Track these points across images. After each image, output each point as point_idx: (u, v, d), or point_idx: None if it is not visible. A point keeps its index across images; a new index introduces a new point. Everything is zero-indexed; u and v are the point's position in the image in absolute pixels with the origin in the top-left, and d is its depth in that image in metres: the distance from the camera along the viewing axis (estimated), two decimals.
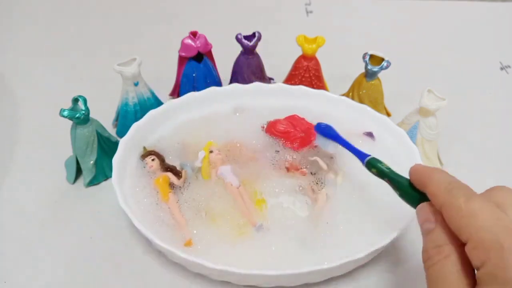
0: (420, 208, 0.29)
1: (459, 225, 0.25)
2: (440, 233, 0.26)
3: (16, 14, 0.74)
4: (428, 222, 0.27)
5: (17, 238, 0.41)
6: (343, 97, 0.49)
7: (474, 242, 0.23)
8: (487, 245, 0.23)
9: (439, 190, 0.27)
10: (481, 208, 0.24)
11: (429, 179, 0.28)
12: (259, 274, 0.33)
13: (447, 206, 0.26)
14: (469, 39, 0.71)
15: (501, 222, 0.24)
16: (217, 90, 0.49)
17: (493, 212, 0.24)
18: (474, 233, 0.24)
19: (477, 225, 0.24)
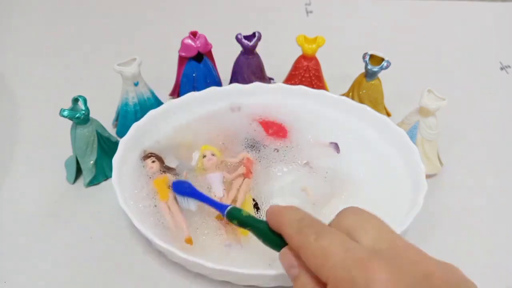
0: (281, 253, 0.28)
1: (315, 266, 0.25)
2: (305, 278, 0.26)
3: (16, 14, 0.74)
4: (292, 268, 0.27)
5: (17, 238, 0.41)
6: (343, 97, 0.49)
7: (332, 282, 0.23)
8: (343, 284, 0.23)
9: (291, 231, 0.27)
10: (330, 244, 0.24)
11: (282, 221, 0.28)
12: (259, 274, 0.33)
13: (301, 249, 0.26)
14: (469, 39, 0.71)
15: (350, 255, 0.23)
16: (217, 90, 0.49)
17: (342, 245, 0.24)
18: (330, 272, 0.23)
19: (330, 264, 0.24)
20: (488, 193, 0.46)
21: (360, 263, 0.23)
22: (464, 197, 0.46)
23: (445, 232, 0.42)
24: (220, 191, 0.41)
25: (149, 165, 0.42)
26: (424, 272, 0.23)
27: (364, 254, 0.23)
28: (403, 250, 0.24)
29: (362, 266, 0.23)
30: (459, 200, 0.45)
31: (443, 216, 0.43)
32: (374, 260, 0.23)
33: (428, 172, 0.44)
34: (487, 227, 0.43)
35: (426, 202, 0.38)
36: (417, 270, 0.23)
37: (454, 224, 0.43)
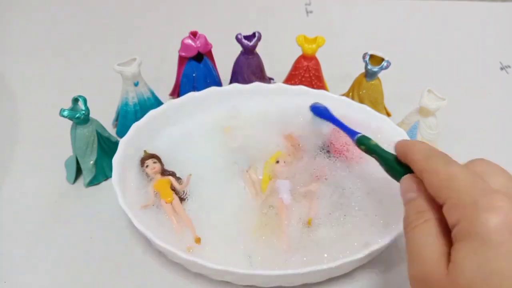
0: (403, 179, 0.30)
1: (437, 188, 0.26)
2: (421, 201, 0.27)
3: (16, 14, 0.74)
4: (411, 192, 0.28)
5: (17, 238, 0.41)
6: (343, 97, 0.49)
7: (451, 202, 0.25)
8: (462, 204, 0.24)
9: (419, 157, 0.28)
10: (458, 172, 0.26)
11: (411, 149, 0.29)
12: (259, 274, 0.33)
13: (426, 172, 0.27)
14: (469, 39, 0.71)
15: (477, 184, 0.25)
16: (217, 90, 0.49)
17: (470, 176, 0.25)
18: (451, 194, 0.25)
19: (454, 186, 0.25)
20: None
21: (486, 192, 0.24)
22: None
23: None
24: (288, 198, 0.40)
25: (151, 166, 0.42)
26: None
27: (490, 187, 0.24)
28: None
29: (487, 195, 0.23)
30: None
31: None
32: (499, 194, 0.23)
33: None
34: None
35: None
36: None
37: None
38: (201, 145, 0.45)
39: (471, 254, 0.23)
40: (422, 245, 0.25)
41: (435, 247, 0.25)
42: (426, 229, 0.26)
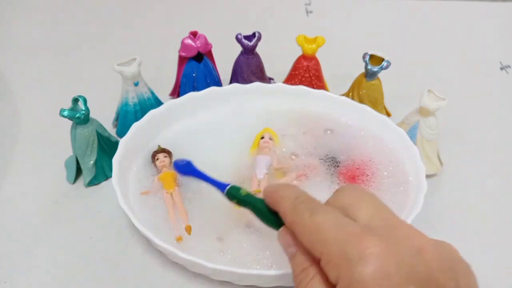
0: (279, 233, 0.28)
1: (308, 242, 0.25)
2: (301, 256, 0.26)
3: (16, 14, 0.74)
4: (290, 247, 0.27)
5: (17, 238, 0.41)
6: (343, 97, 0.49)
7: (325, 258, 0.23)
8: (336, 259, 0.23)
9: (286, 209, 0.27)
10: (324, 220, 0.24)
11: (277, 198, 0.28)
12: (259, 274, 0.33)
13: (295, 225, 0.26)
14: (469, 39, 0.71)
15: (343, 230, 0.23)
16: (217, 90, 0.49)
17: (336, 221, 0.24)
18: (322, 248, 0.24)
19: (323, 239, 0.24)
20: (488, 193, 0.46)
21: (353, 238, 0.23)
22: (464, 197, 0.46)
23: (445, 232, 0.42)
24: (261, 173, 0.41)
25: (161, 159, 0.43)
26: (417, 247, 0.23)
27: (357, 229, 0.23)
28: (398, 226, 0.24)
29: (355, 240, 0.23)
30: (459, 200, 0.45)
31: (443, 216, 0.43)
32: (367, 235, 0.23)
33: (428, 172, 0.44)
34: (487, 227, 0.43)
35: (426, 202, 0.38)
36: (410, 245, 0.23)
37: (454, 224, 0.43)
38: (201, 145, 0.45)
39: None
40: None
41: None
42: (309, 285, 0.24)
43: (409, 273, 0.22)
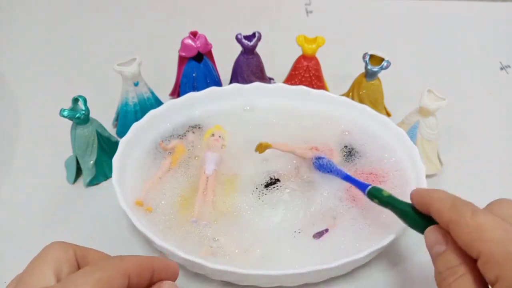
0: (428, 231, 0.28)
1: (468, 241, 0.24)
2: (452, 254, 0.26)
3: (16, 14, 0.74)
4: (438, 245, 0.27)
5: (17, 238, 0.41)
6: (343, 97, 0.49)
7: (485, 257, 0.23)
8: (499, 258, 0.23)
9: (444, 208, 0.27)
10: (487, 221, 0.24)
11: (431, 199, 0.28)
12: (259, 274, 0.33)
13: (454, 223, 0.26)
14: (469, 39, 0.71)
15: (509, 234, 0.23)
16: (217, 90, 0.49)
17: (500, 224, 0.24)
18: (484, 247, 0.23)
19: (486, 238, 0.24)
20: (488, 193, 0.46)
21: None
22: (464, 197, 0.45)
23: None
24: (210, 169, 0.42)
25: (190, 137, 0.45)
26: None
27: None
28: None
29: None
30: None
31: None
32: None
33: (428, 172, 0.44)
34: None
35: None
36: None
37: None
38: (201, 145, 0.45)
39: None
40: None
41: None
42: (462, 286, 0.24)
43: None
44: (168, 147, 0.44)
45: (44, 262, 0.26)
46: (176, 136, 0.46)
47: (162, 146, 0.44)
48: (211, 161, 0.43)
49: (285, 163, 0.44)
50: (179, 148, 0.44)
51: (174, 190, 0.41)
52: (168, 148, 0.44)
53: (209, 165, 0.43)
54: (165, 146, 0.44)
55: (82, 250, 0.28)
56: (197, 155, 0.44)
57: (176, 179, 0.42)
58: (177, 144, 0.45)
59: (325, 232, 0.38)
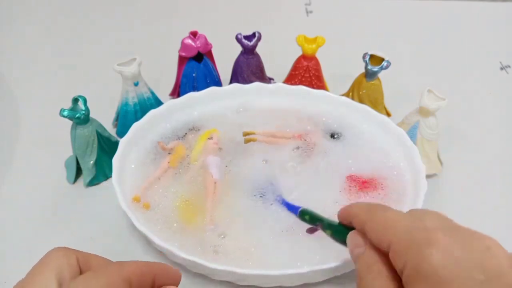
0: (349, 236, 0.29)
1: (379, 235, 0.26)
2: (369, 254, 0.27)
3: (16, 14, 0.74)
4: (358, 248, 0.28)
5: (17, 238, 0.41)
6: (343, 97, 0.49)
7: (394, 246, 0.24)
8: (405, 245, 0.24)
9: (359, 212, 0.29)
10: (396, 214, 0.26)
11: (350, 208, 0.30)
12: (259, 274, 0.33)
13: (368, 223, 0.27)
14: (469, 39, 0.71)
15: (414, 224, 0.25)
16: (217, 90, 0.49)
17: (407, 218, 0.26)
18: (392, 238, 0.25)
19: (393, 230, 0.25)
20: (488, 193, 0.46)
21: (423, 229, 0.24)
22: (464, 197, 0.46)
23: None
24: (217, 173, 0.42)
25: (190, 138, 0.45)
26: (486, 245, 0.23)
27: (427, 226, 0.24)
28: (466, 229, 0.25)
29: (424, 230, 0.24)
30: (459, 200, 0.45)
31: None
32: (437, 229, 0.24)
33: (428, 172, 0.44)
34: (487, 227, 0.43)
35: (426, 202, 0.38)
36: (479, 242, 0.23)
37: None
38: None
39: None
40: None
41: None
42: (377, 282, 0.25)
43: (478, 263, 0.22)
44: (167, 148, 0.44)
45: (46, 268, 0.26)
46: (175, 137, 0.46)
47: (161, 146, 0.44)
48: (215, 165, 0.42)
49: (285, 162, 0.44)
50: (179, 149, 0.44)
51: (175, 191, 0.41)
52: (167, 148, 0.44)
53: (215, 169, 0.42)
54: (164, 146, 0.44)
55: (84, 256, 0.28)
56: (195, 156, 0.44)
57: (176, 181, 0.42)
58: (176, 144, 0.45)
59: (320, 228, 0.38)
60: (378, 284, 0.25)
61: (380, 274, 0.25)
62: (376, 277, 0.25)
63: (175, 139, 0.45)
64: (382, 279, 0.25)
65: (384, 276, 0.25)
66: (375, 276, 0.25)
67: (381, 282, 0.25)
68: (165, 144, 0.45)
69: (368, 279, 0.25)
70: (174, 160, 0.43)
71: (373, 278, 0.25)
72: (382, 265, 0.25)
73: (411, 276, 0.23)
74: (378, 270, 0.25)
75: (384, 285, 0.24)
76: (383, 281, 0.25)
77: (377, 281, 0.25)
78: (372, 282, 0.25)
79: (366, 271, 0.26)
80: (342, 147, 0.45)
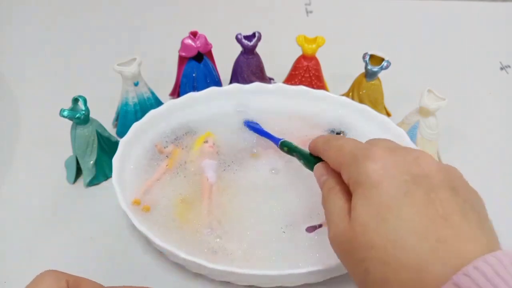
0: (316, 167, 0.33)
1: (334, 160, 0.31)
2: (331, 179, 0.31)
3: (16, 14, 0.74)
4: (323, 176, 0.32)
5: (17, 238, 0.41)
6: (343, 97, 0.49)
7: (342, 166, 0.29)
8: (349, 162, 0.28)
9: (320, 143, 0.34)
10: (346, 141, 0.31)
11: (315, 140, 0.35)
12: (259, 274, 0.33)
13: (325, 151, 0.32)
14: (469, 39, 0.71)
15: (359, 145, 0.30)
16: (217, 90, 0.49)
17: (355, 141, 0.31)
18: (342, 159, 0.29)
19: (343, 152, 0.30)
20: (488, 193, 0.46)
21: (363, 147, 0.29)
22: None
23: None
24: (213, 177, 0.42)
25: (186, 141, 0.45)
26: (416, 156, 0.27)
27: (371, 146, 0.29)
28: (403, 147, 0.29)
29: (364, 148, 0.28)
30: None
31: None
32: (377, 147, 0.28)
33: None
34: None
35: None
36: (410, 154, 0.27)
37: None
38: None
39: (362, 199, 0.26)
40: (332, 211, 0.29)
41: (341, 208, 0.28)
42: (333, 196, 0.29)
43: (406, 169, 0.26)
44: (164, 151, 0.44)
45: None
46: (174, 137, 0.46)
47: (158, 149, 0.44)
48: (211, 169, 0.42)
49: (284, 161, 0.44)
50: (176, 152, 0.44)
51: (174, 192, 0.41)
52: (164, 151, 0.44)
53: (211, 172, 0.42)
54: (161, 149, 0.44)
55: (74, 280, 0.28)
56: (191, 159, 0.44)
57: (174, 182, 0.42)
58: (173, 148, 0.45)
59: (318, 227, 0.38)
60: (335, 197, 0.29)
61: (338, 191, 0.29)
62: (335, 194, 0.29)
63: (173, 141, 0.45)
64: (339, 193, 0.29)
65: (340, 192, 0.29)
66: (334, 194, 0.29)
67: (338, 196, 0.29)
68: (163, 147, 0.44)
69: (329, 197, 0.30)
70: (172, 163, 0.43)
71: (333, 196, 0.29)
72: (340, 186, 0.30)
73: (353, 184, 0.27)
74: (336, 190, 0.29)
75: (340, 198, 0.29)
76: (340, 194, 0.29)
77: (334, 196, 0.29)
78: (332, 198, 0.29)
79: (328, 192, 0.30)
80: None
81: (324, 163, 0.33)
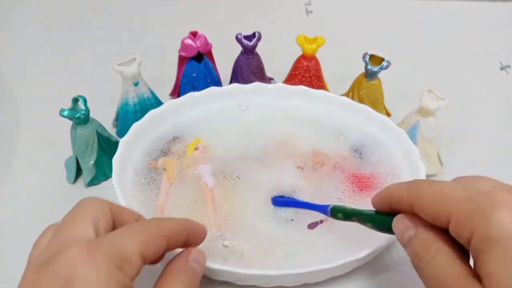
0: (395, 221, 0.27)
1: (434, 210, 0.24)
2: (423, 233, 0.25)
3: (16, 14, 0.74)
4: (408, 230, 0.26)
5: (17, 238, 0.41)
6: (343, 97, 0.49)
7: (455, 217, 0.23)
8: (468, 214, 0.22)
9: (400, 193, 0.27)
10: (445, 185, 0.24)
11: (388, 191, 0.28)
12: (259, 274, 0.33)
13: (415, 200, 0.25)
14: (469, 39, 0.71)
15: (470, 191, 0.23)
16: (217, 90, 0.49)
17: (457, 185, 0.24)
18: (450, 209, 0.23)
19: (450, 200, 0.23)
20: None
21: (483, 192, 0.22)
22: None
23: None
24: (212, 181, 0.42)
25: (175, 148, 0.44)
26: None
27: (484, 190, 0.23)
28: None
29: (485, 194, 0.22)
30: None
31: None
32: (498, 189, 0.22)
33: (428, 172, 0.44)
34: None
35: None
36: None
37: None
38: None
39: (502, 260, 0.20)
40: (442, 277, 0.23)
41: (458, 273, 0.22)
42: (440, 259, 0.23)
43: None
44: (158, 166, 0.43)
45: (83, 215, 0.26)
46: (160, 152, 0.44)
47: (154, 166, 0.43)
48: (207, 173, 0.43)
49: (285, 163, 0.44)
50: (169, 163, 0.43)
51: (182, 203, 0.40)
52: (158, 167, 0.43)
53: (209, 178, 0.42)
54: (155, 166, 0.43)
55: (116, 207, 0.28)
56: (187, 165, 0.43)
57: (177, 193, 0.41)
58: (165, 160, 0.44)
59: (320, 223, 0.38)
60: (441, 260, 0.23)
61: (441, 250, 0.23)
62: (436, 255, 0.23)
63: (161, 155, 0.44)
64: (444, 255, 0.23)
65: (445, 251, 0.23)
66: (435, 254, 0.23)
67: (444, 257, 0.23)
68: (155, 162, 0.43)
69: (427, 259, 0.24)
70: (171, 176, 0.42)
71: (434, 256, 0.23)
72: (441, 243, 0.24)
73: (482, 243, 0.21)
74: (437, 247, 0.24)
75: (449, 260, 0.23)
76: (445, 255, 0.23)
77: (439, 258, 0.23)
78: (434, 261, 0.23)
79: (423, 252, 0.24)
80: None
81: (405, 215, 0.27)
